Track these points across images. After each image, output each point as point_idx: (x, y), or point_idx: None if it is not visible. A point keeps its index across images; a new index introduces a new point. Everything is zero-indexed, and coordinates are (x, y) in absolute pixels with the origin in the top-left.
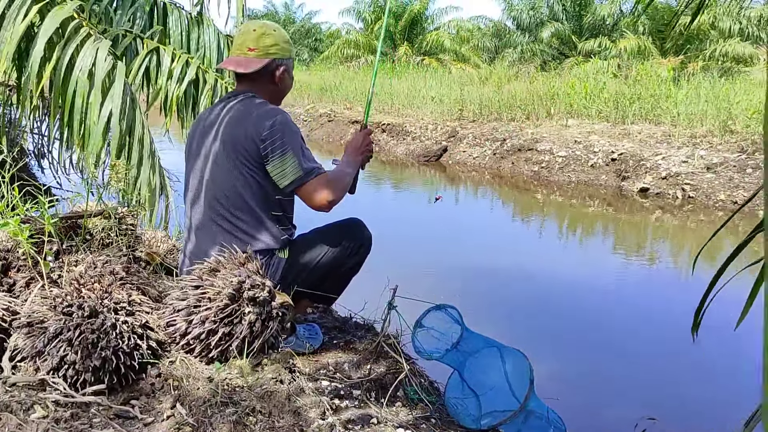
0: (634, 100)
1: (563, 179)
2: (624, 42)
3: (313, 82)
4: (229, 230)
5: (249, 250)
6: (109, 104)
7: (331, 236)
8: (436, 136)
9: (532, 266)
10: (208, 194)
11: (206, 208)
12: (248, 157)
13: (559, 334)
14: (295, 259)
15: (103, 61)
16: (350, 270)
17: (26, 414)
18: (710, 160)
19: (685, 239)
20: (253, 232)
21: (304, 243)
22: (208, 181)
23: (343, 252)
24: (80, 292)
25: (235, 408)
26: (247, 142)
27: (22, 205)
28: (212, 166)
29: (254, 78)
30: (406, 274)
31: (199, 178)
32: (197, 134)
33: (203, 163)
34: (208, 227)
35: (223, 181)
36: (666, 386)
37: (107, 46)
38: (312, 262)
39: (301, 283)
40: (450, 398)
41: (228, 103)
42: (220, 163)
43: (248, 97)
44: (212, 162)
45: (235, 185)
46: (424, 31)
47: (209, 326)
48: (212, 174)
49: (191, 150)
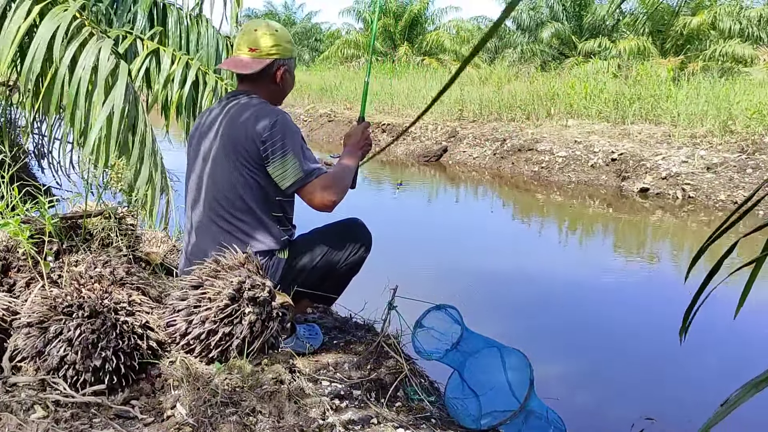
0: (634, 101)
1: (563, 179)
2: (624, 42)
3: (313, 82)
4: (229, 231)
5: (249, 250)
6: (112, 103)
7: (331, 236)
8: (436, 136)
9: (532, 266)
10: (208, 195)
11: (206, 209)
12: (248, 158)
13: (559, 334)
14: (295, 259)
15: (106, 60)
16: (350, 270)
17: (26, 414)
18: (710, 160)
19: (686, 239)
20: (254, 232)
21: (304, 243)
22: (208, 181)
23: (343, 252)
24: (80, 292)
25: (235, 408)
26: (248, 143)
27: (22, 205)
28: (212, 167)
29: (255, 78)
30: (406, 274)
31: (199, 179)
32: (197, 135)
33: (203, 163)
34: (208, 228)
35: (223, 181)
36: (666, 386)
37: (109, 45)
38: (312, 262)
39: (302, 284)
40: (450, 398)
41: (228, 104)
42: (220, 164)
43: (248, 97)
44: (212, 162)
45: (236, 186)
46: (424, 31)
47: (209, 326)
48: (212, 175)
49: (191, 151)
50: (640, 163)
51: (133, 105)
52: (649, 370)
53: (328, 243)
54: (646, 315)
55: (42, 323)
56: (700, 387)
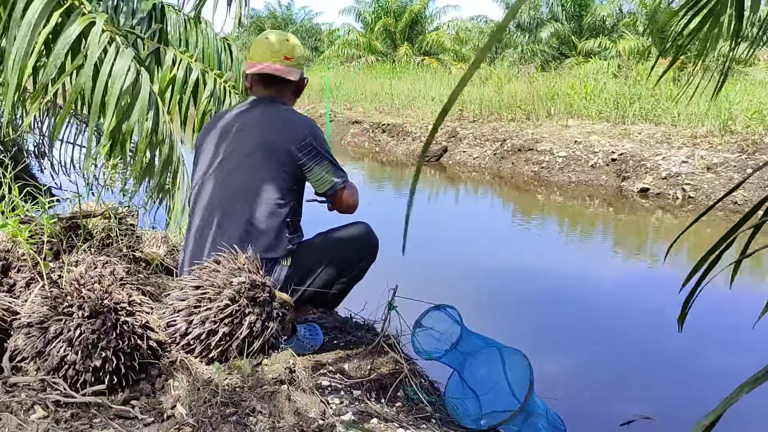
0: (634, 101)
1: (563, 179)
2: (624, 42)
3: (313, 82)
4: (245, 231)
5: (250, 251)
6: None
7: (337, 242)
8: (436, 136)
9: (532, 266)
10: (226, 195)
11: (220, 210)
12: (281, 163)
13: (559, 334)
14: (300, 263)
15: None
16: (355, 277)
17: (26, 414)
18: (710, 160)
19: (686, 239)
20: (268, 234)
21: (310, 247)
22: (228, 182)
23: (349, 259)
24: (80, 292)
25: (235, 408)
26: (284, 148)
27: (23, 206)
28: (236, 167)
29: (282, 87)
30: (406, 274)
31: (217, 180)
32: (215, 135)
33: (223, 164)
34: (229, 226)
35: (245, 183)
36: (665, 386)
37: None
38: (318, 267)
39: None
40: (450, 398)
41: (255, 108)
42: (246, 165)
43: (277, 103)
44: (236, 163)
45: (258, 188)
46: (424, 30)
47: (209, 326)
48: (233, 175)
49: (204, 150)
50: (640, 163)
51: (154, 107)
52: (649, 370)
53: (334, 248)
54: (646, 315)
55: (42, 323)
56: (701, 387)
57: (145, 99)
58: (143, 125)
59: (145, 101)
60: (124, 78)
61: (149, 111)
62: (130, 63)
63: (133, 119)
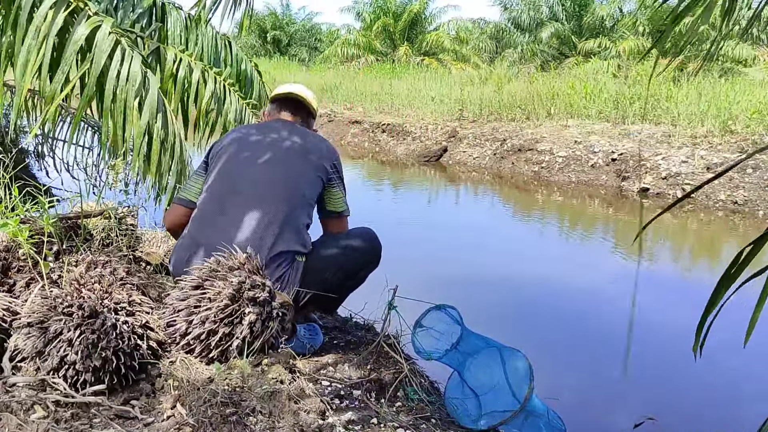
0: (634, 101)
1: (563, 179)
2: (624, 43)
3: (313, 82)
4: (285, 218)
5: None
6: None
7: (346, 248)
8: (436, 137)
9: (532, 266)
10: (271, 182)
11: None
12: (319, 170)
13: (559, 334)
14: (311, 264)
15: (138, 65)
16: (356, 283)
17: (26, 414)
18: (710, 160)
19: (686, 240)
20: (300, 228)
21: (321, 249)
22: (277, 172)
23: (356, 266)
24: (80, 292)
25: (235, 408)
26: (320, 160)
27: (22, 206)
28: (286, 170)
29: (307, 116)
30: (406, 274)
31: (258, 181)
32: (250, 142)
33: (267, 166)
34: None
35: (286, 176)
36: (666, 387)
37: (140, 58)
38: (324, 272)
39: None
40: (450, 398)
41: (287, 124)
42: (289, 164)
43: (305, 126)
44: (280, 159)
45: (299, 184)
46: (424, 30)
47: (209, 326)
48: (279, 177)
49: (240, 150)
50: (640, 163)
51: (162, 109)
52: (649, 370)
53: (344, 255)
54: (646, 315)
55: (42, 323)
56: (701, 387)
57: (153, 100)
58: (153, 126)
59: (154, 103)
60: (135, 81)
61: (158, 112)
62: (139, 66)
63: (143, 121)
